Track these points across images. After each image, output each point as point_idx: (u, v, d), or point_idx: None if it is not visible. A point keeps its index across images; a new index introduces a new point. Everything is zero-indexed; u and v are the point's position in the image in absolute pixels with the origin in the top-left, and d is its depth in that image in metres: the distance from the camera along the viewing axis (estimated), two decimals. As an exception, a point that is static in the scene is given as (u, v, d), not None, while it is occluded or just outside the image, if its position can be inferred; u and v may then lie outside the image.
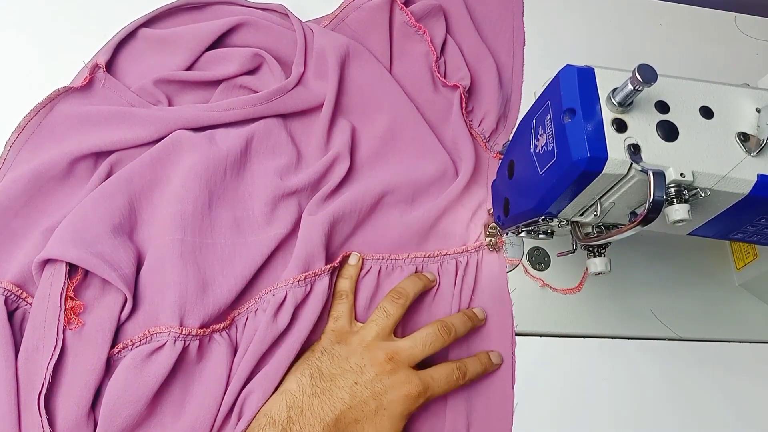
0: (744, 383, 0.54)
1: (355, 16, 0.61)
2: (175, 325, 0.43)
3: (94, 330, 0.43)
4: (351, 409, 0.42)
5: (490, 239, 0.54)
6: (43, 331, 0.42)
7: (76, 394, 0.41)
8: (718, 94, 0.39)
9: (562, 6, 0.70)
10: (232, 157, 0.51)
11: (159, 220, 0.48)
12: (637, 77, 0.34)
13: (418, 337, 0.47)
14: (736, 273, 0.59)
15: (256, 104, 0.54)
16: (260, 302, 0.48)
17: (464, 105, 0.58)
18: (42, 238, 0.45)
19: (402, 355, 0.45)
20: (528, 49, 0.66)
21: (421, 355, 0.46)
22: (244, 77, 0.57)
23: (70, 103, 0.52)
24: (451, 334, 0.47)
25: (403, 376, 0.44)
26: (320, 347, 0.46)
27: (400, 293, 0.49)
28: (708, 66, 0.70)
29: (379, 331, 0.46)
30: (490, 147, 0.59)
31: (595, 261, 0.47)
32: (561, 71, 0.39)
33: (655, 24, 0.72)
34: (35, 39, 0.57)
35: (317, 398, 0.42)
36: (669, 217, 0.37)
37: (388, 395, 0.43)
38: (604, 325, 0.54)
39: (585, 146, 0.36)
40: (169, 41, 0.57)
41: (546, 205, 0.41)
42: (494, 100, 0.60)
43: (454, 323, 0.48)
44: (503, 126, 0.61)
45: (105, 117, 0.51)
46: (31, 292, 0.45)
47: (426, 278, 0.51)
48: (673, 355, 0.54)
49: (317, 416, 0.42)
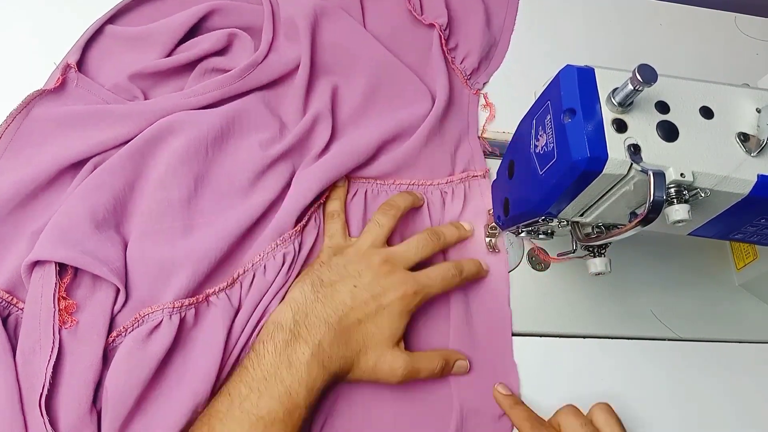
0: (744, 383, 0.54)
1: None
2: (167, 302, 0.44)
3: (89, 327, 0.43)
4: (353, 310, 0.45)
5: (490, 239, 0.54)
6: (38, 333, 0.42)
7: (77, 392, 0.41)
8: (718, 94, 0.39)
9: (562, 6, 0.70)
10: (212, 134, 0.51)
11: (145, 209, 0.48)
12: (637, 77, 0.34)
13: (411, 242, 0.50)
14: (736, 273, 0.59)
15: (231, 82, 0.54)
16: (267, 258, 0.48)
17: (444, 42, 0.61)
18: (29, 242, 0.45)
19: (397, 258, 0.48)
20: (528, 49, 0.67)
21: (414, 258, 0.48)
22: (215, 58, 0.56)
23: (46, 106, 0.52)
24: (440, 240, 0.51)
25: (400, 277, 0.47)
26: (319, 261, 0.49)
27: (391, 205, 0.51)
28: (708, 66, 0.70)
29: (373, 240, 0.49)
30: (470, 84, 0.62)
31: (595, 261, 0.46)
32: (561, 71, 0.39)
33: (655, 24, 0.72)
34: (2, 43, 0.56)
35: (320, 303, 0.45)
36: (669, 218, 0.37)
37: (386, 295, 0.46)
38: (604, 325, 0.54)
39: (585, 146, 0.36)
40: (141, 38, 0.56)
41: (546, 206, 0.41)
42: (478, 40, 0.63)
43: (443, 231, 0.51)
44: (485, 66, 0.64)
45: (83, 117, 0.51)
46: (21, 297, 0.44)
47: (414, 195, 0.54)
48: (673, 355, 0.54)
49: (321, 318, 0.44)
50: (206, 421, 0.40)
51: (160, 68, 0.55)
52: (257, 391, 0.41)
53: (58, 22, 0.57)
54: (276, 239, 0.49)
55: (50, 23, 0.57)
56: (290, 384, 0.41)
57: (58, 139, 0.50)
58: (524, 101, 0.45)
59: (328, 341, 0.43)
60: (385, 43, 0.60)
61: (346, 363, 0.44)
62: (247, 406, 0.40)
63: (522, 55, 0.66)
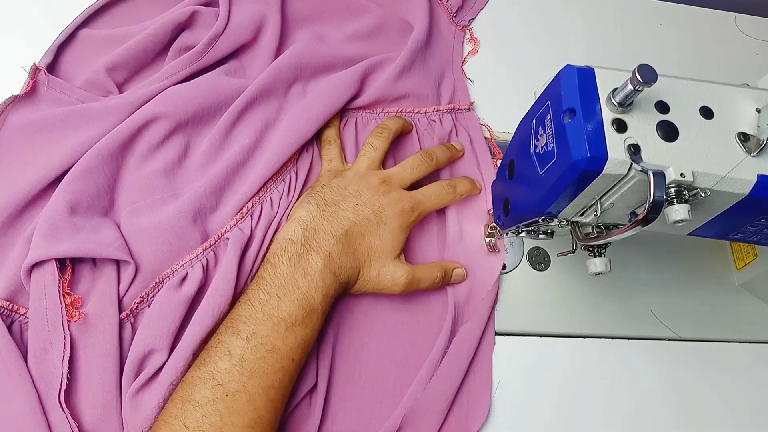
0: (744, 383, 0.54)
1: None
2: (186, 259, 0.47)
3: (98, 317, 0.44)
4: (356, 225, 0.48)
5: (490, 239, 0.54)
6: (47, 332, 0.42)
7: (98, 383, 0.42)
8: (718, 94, 0.39)
9: (562, 6, 0.70)
10: (186, 117, 0.52)
11: (131, 189, 0.49)
12: (637, 77, 0.34)
13: (405, 163, 0.53)
14: (736, 273, 0.59)
15: (198, 59, 0.55)
16: (271, 191, 0.52)
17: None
18: (23, 247, 0.45)
19: (393, 178, 0.51)
20: (528, 49, 0.67)
21: (409, 178, 0.52)
22: (184, 36, 0.57)
23: (20, 113, 0.51)
24: (433, 160, 0.54)
25: (397, 195, 0.50)
26: (320, 183, 0.51)
27: (383, 128, 0.54)
28: (708, 66, 0.70)
29: (369, 162, 0.52)
30: (456, 21, 0.66)
31: (595, 261, 0.46)
32: (561, 71, 0.39)
33: (655, 24, 0.72)
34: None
35: (326, 219, 0.47)
36: (669, 218, 0.37)
37: (386, 211, 0.49)
38: (604, 325, 0.54)
39: (585, 146, 0.36)
40: (117, 39, 0.56)
41: (546, 205, 0.41)
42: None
43: (435, 151, 0.54)
44: (472, 3, 0.67)
45: (60, 120, 0.50)
46: (22, 303, 0.44)
47: (404, 119, 0.57)
48: (673, 355, 0.54)
49: (329, 232, 0.47)
50: (229, 325, 0.43)
51: (131, 51, 0.54)
52: (276, 297, 0.43)
53: (38, 31, 0.56)
54: (274, 170, 0.51)
55: (33, 32, 0.56)
56: (306, 290, 0.44)
57: (38, 148, 0.50)
58: (524, 101, 0.45)
59: (337, 252, 0.46)
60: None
61: (353, 273, 0.47)
62: (268, 309, 0.43)
63: (522, 55, 0.66)
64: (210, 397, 0.39)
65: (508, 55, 0.66)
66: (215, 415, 0.39)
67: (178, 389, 0.41)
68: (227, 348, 0.41)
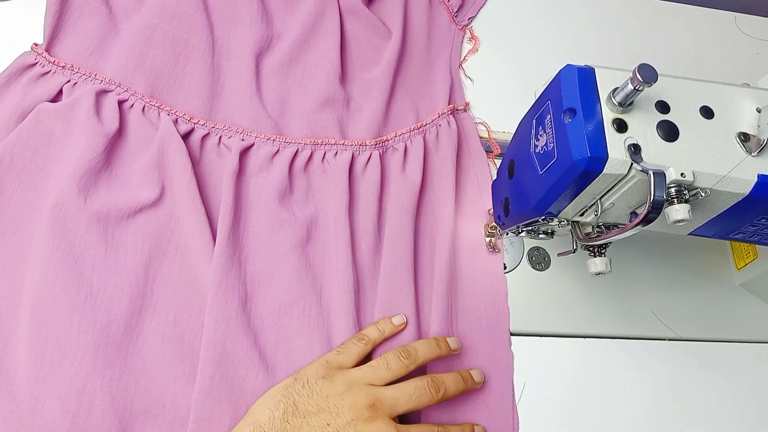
0: (744, 383, 0.54)
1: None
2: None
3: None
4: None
5: (490, 239, 0.54)
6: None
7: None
8: (718, 94, 0.39)
9: (562, 6, 0.70)
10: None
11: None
12: (637, 77, 0.34)
13: (406, 388, 0.44)
14: (736, 273, 0.59)
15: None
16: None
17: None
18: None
19: (384, 404, 0.42)
20: (528, 48, 0.67)
21: (404, 408, 0.43)
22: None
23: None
24: (440, 392, 0.45)
25: (381, 427, 0.42)
26: (304, 377, 0.44)
27: (410, 354, 0.46)
28: (708, 66, 0.70)
29: (372, 378, 0.44)
30: (457, 21, 0.66)
31: (595, 261, 0.46)
32: (561, 71, 0.39)
33: (655, 24, 0.72)
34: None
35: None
36: (669, 217, 0.37)
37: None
38: (604, 325, 0.54)
39: (585, 146, 0.36)
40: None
41: (546, 205, 0.41)
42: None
43: (445, 381, 0.46)
44: (471, 3, 0.68)
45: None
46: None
47: (446, 347, 0.48)
48: (673, 355, 0.54)
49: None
50: None
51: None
52: None
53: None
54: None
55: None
56: None
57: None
58: (524, 101, 0.45)
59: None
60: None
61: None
62: None
63: (522, 55, 0.66)
64: None
65: (508, 55, 0.66)
66: None
67: None
68: None
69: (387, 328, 0.48)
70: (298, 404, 0.42)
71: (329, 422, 0.41)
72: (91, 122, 0.50)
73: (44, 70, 0.53)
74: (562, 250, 0.49)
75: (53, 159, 0.50)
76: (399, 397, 0.43)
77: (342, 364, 0.45)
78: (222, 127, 0.54)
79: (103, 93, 0.53)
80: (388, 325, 0.48)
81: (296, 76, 0.58)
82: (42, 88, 0.52)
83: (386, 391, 0.43)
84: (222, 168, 0.52)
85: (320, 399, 0.42)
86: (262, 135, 0.54)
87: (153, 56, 0.55)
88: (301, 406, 0.42)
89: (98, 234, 0.48)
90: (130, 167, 0.51)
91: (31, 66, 0.53)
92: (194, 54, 0.56)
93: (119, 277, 0.47)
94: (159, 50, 0.55)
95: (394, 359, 0.45)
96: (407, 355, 0.45)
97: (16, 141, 0.49)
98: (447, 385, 0.45)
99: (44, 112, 0.51)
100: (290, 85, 0.58)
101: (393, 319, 0.48)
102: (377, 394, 0.43)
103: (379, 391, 0.43)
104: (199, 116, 0.54)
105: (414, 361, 0.45)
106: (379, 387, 0.44)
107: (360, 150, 0.55)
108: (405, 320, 0.49)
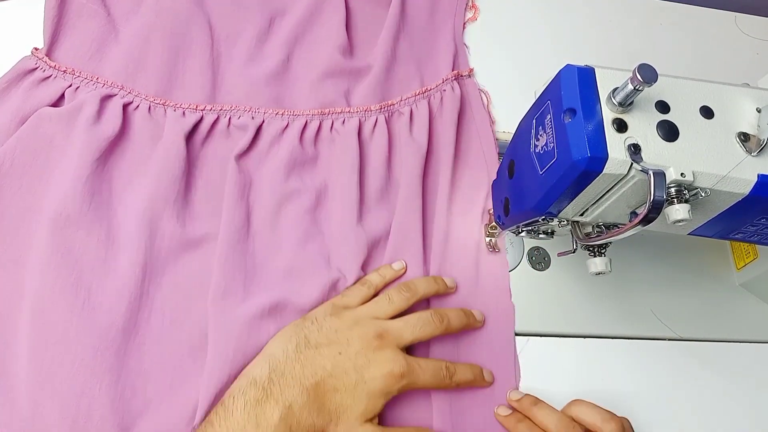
0: (744, 383, 0.54)
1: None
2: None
3: None
4: (331, 377, 0.43)
5: (490, 239, 0.54)
6: None
7: None
8: (718, 94, 0.39)
9: (562, 6, 0.70)
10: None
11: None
12: (637, 77, 0.34)
13: (410, 319, 0.47)
14: (736, 273, 0.59)
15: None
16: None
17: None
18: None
19: (391, 334, 0.45)
20: (528, 48, 0.67)
21: (410, 338, 0.46)
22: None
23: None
24: (443, 323, 0.47)
25: (389, 354, 0.44)
26: (313, 316, 0.46)
27: (410, 288, 0.49)
28: (708, 66, 0.70)
29: (376, 312, 0.47)
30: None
31: (595, 261, 0.46)
32: (561, 71, 0.39)
33: (655, 24, 0.72)
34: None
35: (299, 363, 0.43)
36: (669, 217, 0.37)
37: (370, 370, 0.43)
38: (604, 325, 0.54)
39: (585, 146, 0.36)
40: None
41: (546, 205, 0.41)
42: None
43: (449, 314, 0.48)
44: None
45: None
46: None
47: (443, 284, 0.51)
48: (673, 355, 0.54)
49: (297, 379, 0.42)
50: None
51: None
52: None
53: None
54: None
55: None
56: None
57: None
58: (524, 101, 0.45)
59: (300, 405, 0.41)
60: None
61: (314, 431, 0.42)
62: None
63: (522, 54, 0.66)
64: None
65: (508, 55, 0.66)
66: None
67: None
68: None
69: (388, 273, 0.50)
70: (310, 338, 0.44)
71: (341, 351, 0.44)
72: (92, 127, 0.50)
73: (45, 74, 0.53)
74: (562, 250, 0.49)
75: (53, 163, 0.50)
76: (404, 328, 0.46)
77: (347, 305, 0.47)
78: (230, 108, 0.54)
79: (108, 98, 0.53)
80: (389, 271, 0.51)
81: (301, 51, 0.59)
82: (43, 93, 0.52)
83: (391, 323, 0.46)
84: (234, 149, 0.53)
85: (330, 333, 0.45)
86: (270, 110, 0.55)
87: (153, 55, 0.55)
88: (313, 339, 0.44)
89: (98, 238, 0.48)
90: (131, 169, 0.51)
91: (32, 71, 0.53)
92: (194, 46, 0.57)
93: (116, 281, 0.47)
94: (159, 48, 0.55)
95: (395, 293, 0.48)
96: (407, 289, 0.48)
97: (16, 145, 0.49)
98: (450, 317, 0.48)
99: (45, 117, 0.51)
100: (295, 61, 0.58)
101: (393, 265, 0.51)
102: (383, 325, 0.46)
103: (385, 323, 0.46)
104: (206, 104, 0.54)
105: (414, 294, 0.48)
106: (384, 320, 0.46)
107: (366, 116, 0.56)
108: (405, 265, 0.51)
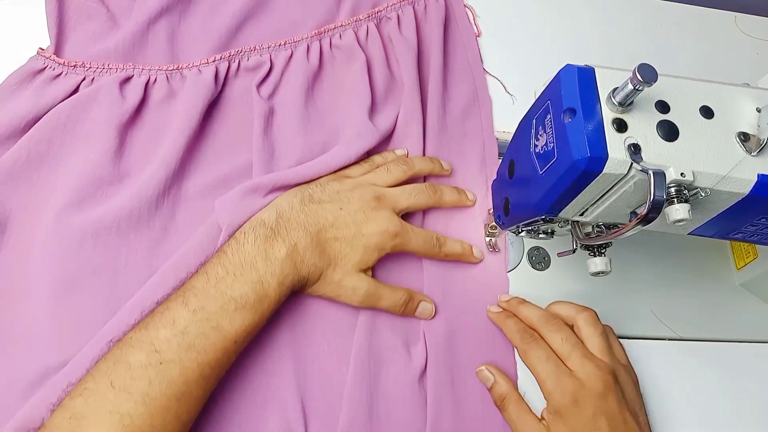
0: (744, 383, 0.54)
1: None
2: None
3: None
4: (332, 227, 0.47)
5: (490, 239, 0.54)
6: None
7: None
8: (718, 94, 0.39)
9: (562, 6, 0.70)
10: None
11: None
12: (637, 77, 0.34)
13: (406, 187, 0.52)
14: (736, 273, 0.59)
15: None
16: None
17: None
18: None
19: (388, 198, 0.50)
20: (528, 48, 0.67)
21: (405, 203, 0.50)
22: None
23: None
24: (437, 194, 0.53)
25: (386, 214, 0.49)
26: (317, 182, 0.50)
27: (407, 161, 0.53)
28: (708, 66, 0.70)
29: (375, 180, 0.51)
30: None
31: (595, 261, 0.47)
32: (561, 71, 0.39)
33: (655, 24, 0.72)
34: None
35: (304, 213, 0.47)
36: (669, 217, 0.37)
37: (368, 225, 0.48)
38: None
39: (585, 146, 0.36)
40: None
41: (546, 205, 0.41)
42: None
43: (442, 188, 0.53)
44: None
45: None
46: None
47: (439, 164, 0.55)
48: (673, 355, 0.54)
49: (302, 225, 0.47)
50: (181, 294, 0.42)
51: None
52: (233, 274, 0.43)
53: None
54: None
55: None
56: (263, 273, 0.44)
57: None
58: (524, 101, 0.45)
59: (303, 245, 0.46)
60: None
61: (315, 271, 0.46)
62: (222, 286, 0.43)
63: (522, 54, 0.66)
64: (144, 362, 0.39)
65: (508, 55, 0.66)
66: (144, 380, 0.38)
67: (115, 348, 0.40)
68: (172, 316, 0.41)
69: (389, 155, 0.54)
70: (314, 195, 0.49)
71: (341, 207, 0.48)
72: (115, 103, 0.52)
73: (56, 72, 0.53)
74: (562, 250, 0.49)
75: (68, 148, 0.50)
76: (400, 195, 0.51)
77: (349, 174, 0.52)
78: (237, 53, 0.56)
79: (126, 81, 0.53)
80: (391, 154, 0.55)
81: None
82: (57, 90, 0.52)
83: (389, 189, 0.51)
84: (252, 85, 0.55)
85: (332, 193, 0.49)
86: (272, 44, 0.57)
87: (155, 30, 0.56)
88: (316, 196, 0.49)
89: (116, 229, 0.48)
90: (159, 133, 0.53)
91: (41, 71, 0.53)
92: (191, 5, 0.58)
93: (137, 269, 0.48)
94: (159, 21, 0.56)
95: (393, 165, 0.52)
96: (405, 162, 0.53)
97: (30, 138, 0.49)
98: (443, 190, 0.53)
99: (60, 109, 0.51)
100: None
101: (396, 150, 0.55)
102: (382, 189, 0.51)
103: (383, 188, 0.51)
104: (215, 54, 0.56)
105: (411, 167, 0.53)
106: (382, 186, 0.51)
107: (357, 26, 0.60)
108: (406, 151, 0.55)
